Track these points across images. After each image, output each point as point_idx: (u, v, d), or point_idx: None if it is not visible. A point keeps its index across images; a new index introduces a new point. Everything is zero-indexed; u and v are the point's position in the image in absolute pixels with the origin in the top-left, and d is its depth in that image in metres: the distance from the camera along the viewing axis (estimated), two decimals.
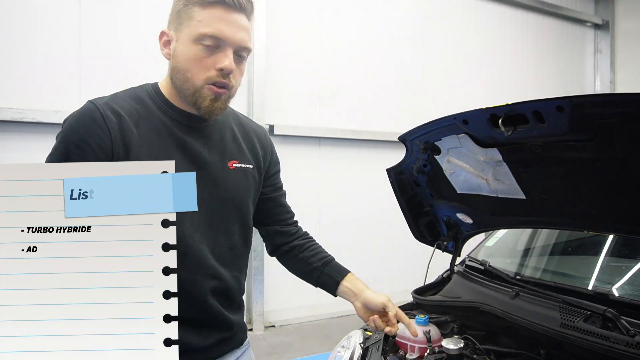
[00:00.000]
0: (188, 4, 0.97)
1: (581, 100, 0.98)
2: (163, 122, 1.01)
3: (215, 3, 0.95)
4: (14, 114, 3.38)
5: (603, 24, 6.83)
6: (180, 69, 0.99)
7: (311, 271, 1.23)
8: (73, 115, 0.98)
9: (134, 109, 1.00)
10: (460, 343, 1.31)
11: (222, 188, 1.05)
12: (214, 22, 0.95)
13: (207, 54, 0.96)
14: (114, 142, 0.95)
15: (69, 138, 0.95)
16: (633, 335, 1.10)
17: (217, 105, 1.00)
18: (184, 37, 0.97)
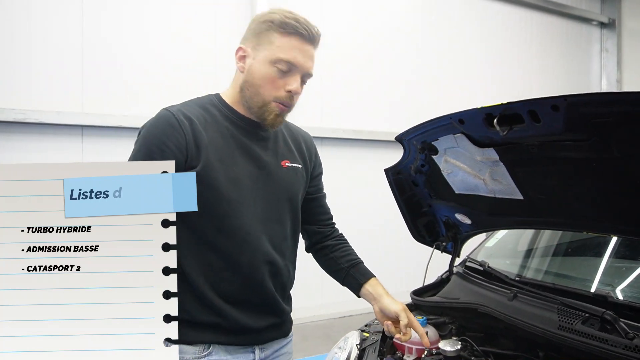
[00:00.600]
0: (269, 30, 1.11)
1: (576, 100, 0.98)
2: (226, 126, 1.15)
3: (294, 33, 1.11)
4: (16, 115, 3.41)
5: (609, 22, 6.79)
6: (253, 83, 1.13)
7: (338, 271, 1.33)
8: (151, 122, 1.10)
9: (201, 115, 1.13)
10: (458, 345, 1.30)
11: (277, 184, 1.18)
12: (290, 50, 1.11)
13: (280, 75, 1.11)
14: (188, 142, 1.07)
15: (151, 141, 1.07)
16: (632, 338, 1.09)
17: (279, 119, 1.16)
18: (261, 57, 1.11)
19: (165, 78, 4.00)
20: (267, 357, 1.19)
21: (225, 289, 1.10)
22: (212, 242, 1.09)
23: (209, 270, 1.09)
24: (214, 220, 1.09)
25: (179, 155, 1.05)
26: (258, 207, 1.14)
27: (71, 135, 3.68)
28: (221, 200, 1.08)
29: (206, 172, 1.06)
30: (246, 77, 1.14)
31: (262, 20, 1.13)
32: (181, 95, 4.66)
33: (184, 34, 4.09)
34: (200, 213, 1.02)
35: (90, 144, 3.74)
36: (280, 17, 1.10)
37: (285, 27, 1.10)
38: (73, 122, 3.63)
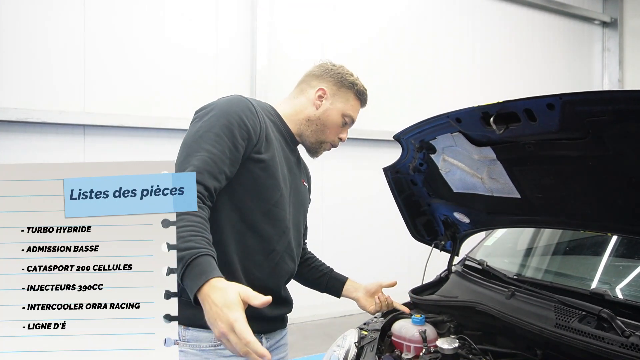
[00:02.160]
0: (350, 90, 1.36)
1: (571, 98, 0.98)
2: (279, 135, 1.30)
3: (362, 101, 1.40)
4: (18, 114, 3.42)
5: (611, 21, 6.77)
6: (324, 123, 1.34)
7: (321, 276, 1.52)
8: (226, 100, 1.18)
9: (263, 117, 1.23)
10: (455, 343, 1.31)
11: (300, 197, 1.36)
12: (355, 112, 1.39)
13: (342, 125, 1.36)
14: (262, 131, 1.18)
15: (231, 115, 1.13)
16: (628, 336, 1.10)
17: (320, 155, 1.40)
18: (338, 107, 1.34)
19: (166, 78, 4.01)
20: (271, 346, 1.29)
21: (254, 272, 1.18)
22: (255, 225, 1.18)
23: (244, 252, 1.16)
24: (264, 206, 1.19)
25: (253, 136, 1.15)
26: (291, 208, 1.28)
27: (73, 135, 3.70)
28: (276, 190, 1.20)
29: (272, 163, 1.19)
30: (320, 115, 1.33)
31: (347, 79, 1.35)
32: (182, 95, 4.68)
33: (185, 34, 4.10)
34: (254, 197, 1.17)
35: (92, 144, 3.75)
36: (361, 86, 1.37)
37: (360, 95, 1.37)
38: (75, 121, 3.64)
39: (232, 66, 4.32)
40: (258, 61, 4.28)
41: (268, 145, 1.20)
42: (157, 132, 3.95)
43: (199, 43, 4.17)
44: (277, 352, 1.31)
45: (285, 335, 1.38)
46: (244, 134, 1.13)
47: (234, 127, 1.12)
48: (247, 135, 1.14)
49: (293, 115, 1.33)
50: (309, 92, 1.34)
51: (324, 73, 1.35)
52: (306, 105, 1.33)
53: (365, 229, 4.72)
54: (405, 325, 1.44)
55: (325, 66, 1.37)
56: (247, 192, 1.16)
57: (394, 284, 1.51)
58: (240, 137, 1.12)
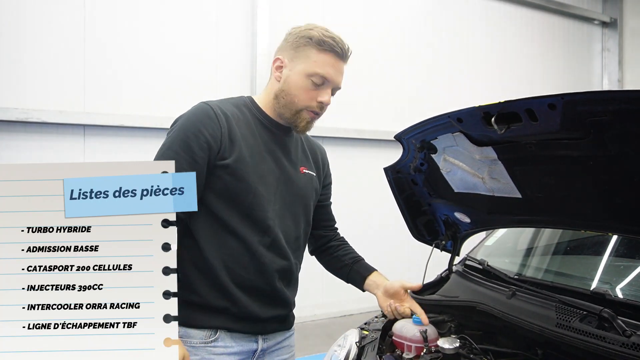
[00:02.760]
0: (307, 45, 1.20)
1: (573, 98, 0.98)
2: (257, 127, 1.24)
3: (329, 51, 1.21)
4: (19, 114, 3.42)
5: (611, 22, 6.77)
6: (288, 92, 1.22)
7: (342, 267, 1.44)
8: (188, 112, 1.20)
9: (235, 113, 1.22)
10: (456, 342, 1.31)
11: (295, 187, 1.28)
12: (325, 66, 1.21)
13: (313, 87, 1.21)
14: (223, 135, 1.16)
15: (188, 128, 1.15)
16: (629, 335, 1.10)
17: (309, 126, 1.27)
18: (298, 69, 1.21)
19: (166, 77, 4.01)
20: (269, 347, 1.25)
21: (240, 274, 1.17)
22: (235, 229, 1.16)
23: (228, 255, 1.16)
24: (240, 209, 1.17)
25: (213, 145, 1.14)
26: (277, 204, 1.23)
27: (73, 135, 3.70)
28: (249, 193, 1.17)
29: (238, 165, 1.16)
30: (282, 86, 1.22)
31: (301, 36, 1.21)
32: (182, 95, 4.69)
33: (185, 34, 4.10)
34: (228, 202, 1.16)
35: (92, 143, 3.75)
36: (319, 34, 1.20)
37: (322, 45, 1.20)
38: (75, 121, 3.64)
39: (232, 66, 4.32)
40: (258, 60, 4.28)
41: (232, 147, 1.16)
42: (157, 132, 3.94)
43: (199, 43, 4.17)
44: (278, 354, 1.28)
45: (289, 337, 1.33)
46: (202, 144, 1.13)
47: (191, 140, 1.13)
48: (206, 146, 1.13)
49: (266, 99, 1.27)
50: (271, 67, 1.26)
51: (283, 42, 1.26)
52: (272, 84, 1.26)
53: (366, 228, 4.72)
54: (406, 325, 1.43)
55: (285, 34, 1.27)
56: (220, 199, 1.16)
57: (418, 287, 1.42)
58: (198, 149, 1.13)
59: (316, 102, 1.22)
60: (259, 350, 1.22)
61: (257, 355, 1.22)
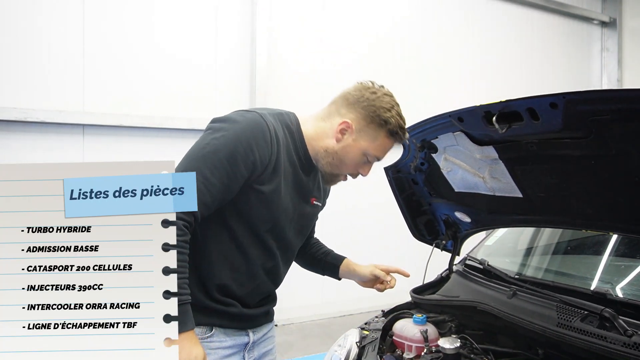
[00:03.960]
0: (380, 127, 1.19)
1: (574, 97, 0.98)
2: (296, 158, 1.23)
3: (396, 140, 1.22)
4: (18, 114, 3.41)
5: (610, 21, 6.77)
6: (340, 159, 1.23)
7: (316, 262, 1.50)
8: (244, 123, 1.12)
9: (284, 138, 1.19)
10: (457, 342, 1.31)
11: (304, 219, 1.31)
12: (384, 151, 1.23)
13: (362, 163, 1.24)
14: (270, 161, 1.13)
15: (240, 142, 1.09)
16: (630, 335, 1.10)
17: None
18: (360, 144, 1.20)
19: (166, 77, 4.00)
20: (258, 339, 1.31)
21: (237, 288, 1.20)
22: (245, 249, 1.18)
23: (229, 269, 1.18)
24: (256, 233, 1.18)
25: (258, 167, 1.11)
26: (288, 234, 1.26)
27: (72, 134, 3.69)
28: (268, 221, 1.18)
29: (271, 197, 1.15)
30: (338, 149, 1.21)
31: (378, 114, 1.18)
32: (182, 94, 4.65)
33: (184, 33, 4.09)
34: (247, 223, 1.16)
35: (92, 143, 3.75)
36: (395, 123, 1.19)
37: (393, 136, 1.20)
38: (74, 121, 3.63)
39: (232, 66, 4.31)
40: (257, 60, 4.27)
41: (274, 176, 1.15)
42: (157, 132, 3.94)
43: (199, 42, 4.16)
44: (264, 345, 1.34)
45: (272, 329, 1.39)
46: (249, 165, 1.09)
47: (240, 155, 1.08)
48: (252, 167, 1.10)
49: (314, 138, 1.23)
50: (335, 120, 1.21)
51: (357, 101, 1.20)
52: (327, 134, 1.22)
53: (366, 228, 4.71)
54: (406, 324, 1.43)
55: (361, 92, 1.21)
56: (240, 216, 1.15)
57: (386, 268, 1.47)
58: (243, 168, 1.09)
59: (357, 172, 1.26)
60: (250, 343, 1.27)
61: (248, 348, 1.27)
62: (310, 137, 1.23)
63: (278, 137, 1.15)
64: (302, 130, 1.24)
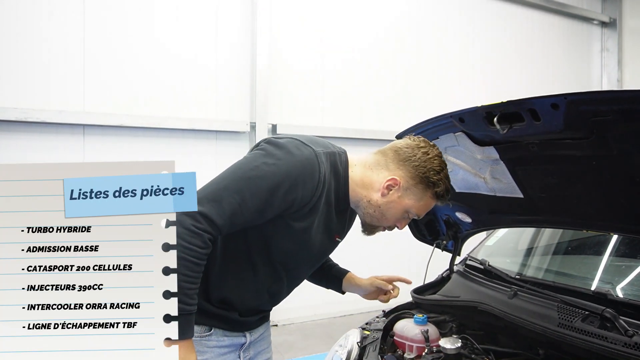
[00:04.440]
0: (427, 189, 1.18)
1: (576, 98, 0.98)
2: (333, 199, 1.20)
3: (438, 200, 1.20)
4: (18, 114, 3.41)
5: (610, 22, 6.77)
6: (383, 213, 1.21)
7: (321, 276, 1.51)
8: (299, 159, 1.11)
9: (330, 182, 1.18)
10: (458, 342, 1.31)
11: (324, 251, 1.31)
12: (425, 210, 1.22)
13: (403, 218, 1.24)
14: (311, 202, 1.13)
15: (288, 176, 1.09)
16: (631, 335, 1.10)
17: None
18: (405, 202, 1.20)
19: (166, 77, 4.00)
20: (255, 339, 1.33)
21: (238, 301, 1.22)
22: (258, 270, 1.19)
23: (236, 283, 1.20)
24: (273, 258, 1.19)
25: (296, 205, 1.11)
26: (305, 266, 1.28)
27: (73, 135, 3.69)
28: (291, 256, 1.20)
29: (300, 233, 1.15)
30: (382, 204, 1.20)
31: (428, 176, 1.16)
32: (182, 94, 4.63)
33: (185, 34, 4.09)
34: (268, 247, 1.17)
35: (92, 143, 3.75)
36: (443, 189, 1.18)
37: (439, 198, 1.19)
38: (75, 121, 3.63)
39: (232, 66, 4.31)
40: (258, 61, 4.27)
41: (309, 215, 1.15)
42: (157, 132, 3.94)
43: (199, 43, 4.16)
44: (260, 344, 1.36)
45: (268, 329, 1.41)
46: (289, 201, 1.09)
47: (282, 190, 1.07)
48: (291, 203, 1.10)
49: (358, 185, 1.21)
50: (382, 173, 1.20)
51: (408, 159, 1.18)
52: (374, 186, 1.20)
53: None
54: (407, 325, 1.43)
55: (413, 150, 1.19)
56: (262, 241, 1.16)
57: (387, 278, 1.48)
58: (283, 202, 1.08)
59: (395, 225, 1.26)
60: (247, 343, 1.29)
61: (245, 348, 1.30)
62: (356, 182, 1.21)
63: (325, 180, 1.14)
64: (350, 172, 1.22)
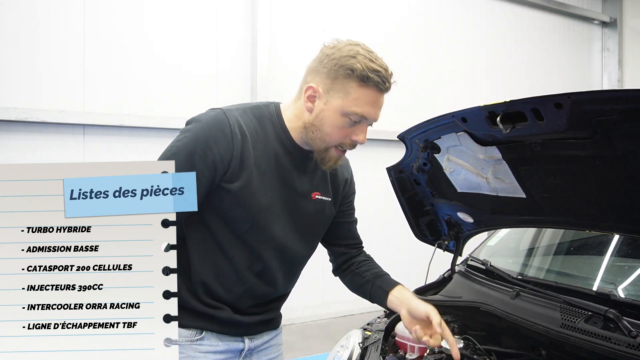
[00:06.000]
0: (348, 78, 1.05)
1: (579, 97, 0.97)
2: (275, 149, 1.13)
3: (373, 85, 1.05)
4: (18, 114, 3.41)
5: (611, 21, 6.78)
6: (321, 129, 1.09)
7: (364, 284, 1.31)
8: (203, 121, 1.07)
9: (255, 130, 1.10)
10: (460, 343, 1.30)
11: (301, 215, 1.18)
12: (365, 104, 1.06)
13: (349, 126, 1.09)
14: (234, 157, 1.06)
15: (198, 141, 1.05)
16: (635, 336, 1.09)
17: (339, 162, 1.17)
18: (334, 105, 1.07)
19: (166, 77, 4.00)
20: (257, 347, 1.22)
21: (224, 291, 1.13)
22: (227, 251, 1.12)
23: (215, 272, 1.12)
24: (236, 234, 1.11)
25: (219, 166, 1.05)
26: (279, 232, 1.15)
27: (73, 134, 3.69)
28: (247, 222, 1.10)
29: (242, 194, 1.08)
30: (314, 120, 1.10)
31: (341, 65, 1.05)
32: (182, 94, 4.64)
33: (185, 34, 4.09)
34: (225, 224, 1.10)
35: (92, 143, 3.75)
36: (362, 67, 1.03)
37: (365, 81, 1.04)
38: (75, 121, 3.63)
39: (233, 65, 4.31)
40: (259, 60, 4.27)
41: (241, 172, 1.07)
42: (157, 132, 3.94)
43: (199, 43, 4.16)
44: (266, 353, 1.25)
45: (276, 337, 1.28)
46: (209, 163, 1.04)
47: (197, 155, 1.03)
48: (212, 165, 1.04)
49: (293, 121, 1.13)
50: (303, 92, 1.12)
51: (318, 63, 1.09)
52: (302, 110, 1.12)
53: (368, 229, 4.68)
54: None
55: (321, 52, 1.10)
56: (218, 218, 1.10)
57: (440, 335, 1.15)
58: (203, 166, 1.03)
59: (350, 140, 1.11)
60: (245, 350, 1.19)
61: (245, 354, 1.19)
62: (291, 121, 1.13)
63: (243, 130, 1.07)
64: (283, 117, 1.14)
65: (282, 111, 1.16)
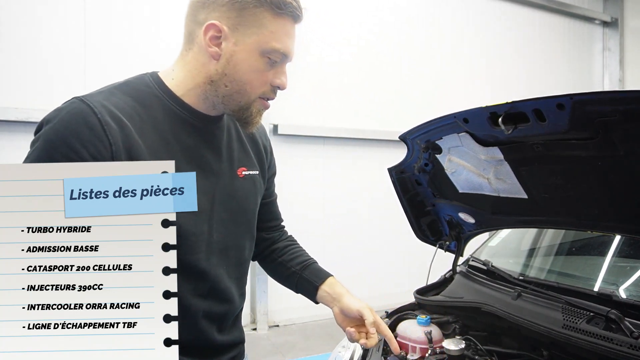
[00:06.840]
0: (259, 7, 0.84)
1: (582, 98, 0.97)
2: (169, 127, 0.89)
3: (288, 14, 0.86)
4: (18, 114, 3.41)
5: (612, 21, 6.77)
6: (236, 77, 0.87)
7: (290, 276, 1.12)
8: (59, 117, 0.82)
9: (134, 111, 0.86)
10: (462, 344, 1.30)
11: (233, 199, 0.96)
12: (284, 37, 0.87)
13: (269, 68, 0.88)
14: (115, 153, 0.83)
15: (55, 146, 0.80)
16: (637, 337, 1.09)
17: (260, 119, 0.94)
18: (248, 44, 0.85)
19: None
20: None
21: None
22: None
23: None
24: None
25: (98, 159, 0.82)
26: (214, 233, 0.92)
27: None
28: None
29: None
30: (225, 68, 0.87)
31: None
32: None
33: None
34: None
35: None
36: None
37: (281, 8, 0.85)
38: None
39: None
40: None
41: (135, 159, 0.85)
42: None
43: None
44: None
45: None
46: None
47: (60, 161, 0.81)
48: None
49: (187, 83, 0.89)
50: (198, 36, 0.87)
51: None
52: (201, 61, 0.88)
53: (369, 229, 4.71)
54: (410, 326, 1.43)
55: None
56: None
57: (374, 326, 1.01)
58: None
59: (270, 85, 0.89)
60: None
61: None
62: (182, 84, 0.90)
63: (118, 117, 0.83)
64: (169, 85, 0.91)
65: (164, 78, 0.93)
